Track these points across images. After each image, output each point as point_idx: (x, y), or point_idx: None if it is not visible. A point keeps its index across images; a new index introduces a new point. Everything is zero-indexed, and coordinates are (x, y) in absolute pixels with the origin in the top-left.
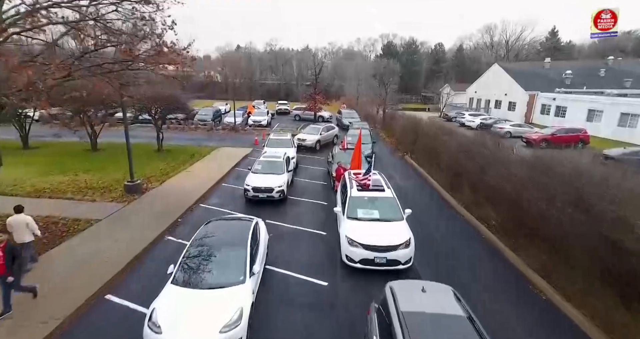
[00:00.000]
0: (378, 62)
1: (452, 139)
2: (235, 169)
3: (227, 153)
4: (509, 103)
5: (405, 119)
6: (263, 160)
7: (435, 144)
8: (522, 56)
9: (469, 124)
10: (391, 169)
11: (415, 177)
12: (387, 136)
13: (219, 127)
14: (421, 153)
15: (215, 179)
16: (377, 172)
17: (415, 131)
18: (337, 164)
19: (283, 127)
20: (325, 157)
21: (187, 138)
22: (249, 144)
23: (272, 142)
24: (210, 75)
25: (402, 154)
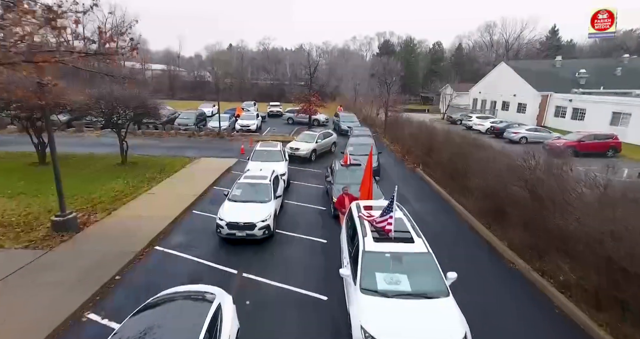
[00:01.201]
0: (377, 61)
1: (490, 157)
2: (213, 189)
3: (206, 166)
4: (518, 105)
5: (415, 125)
6: (244, 182)
7: (461, 159)
8: (521, 55)
9: (477, 128)
10: (402, 184)
11: (434, 198)
12: (390, 142)
13: (201, 133)
14: (439, 168)
15: (185, 204)
16: (397, 206)
17: (430, 140)
18: (343, 190)
19: (274, 132)
20: (322, 170)
21: (162, 146)
22: (234, 153)
23: (258, 154)
24: (201, 76)
25: (412, 165)
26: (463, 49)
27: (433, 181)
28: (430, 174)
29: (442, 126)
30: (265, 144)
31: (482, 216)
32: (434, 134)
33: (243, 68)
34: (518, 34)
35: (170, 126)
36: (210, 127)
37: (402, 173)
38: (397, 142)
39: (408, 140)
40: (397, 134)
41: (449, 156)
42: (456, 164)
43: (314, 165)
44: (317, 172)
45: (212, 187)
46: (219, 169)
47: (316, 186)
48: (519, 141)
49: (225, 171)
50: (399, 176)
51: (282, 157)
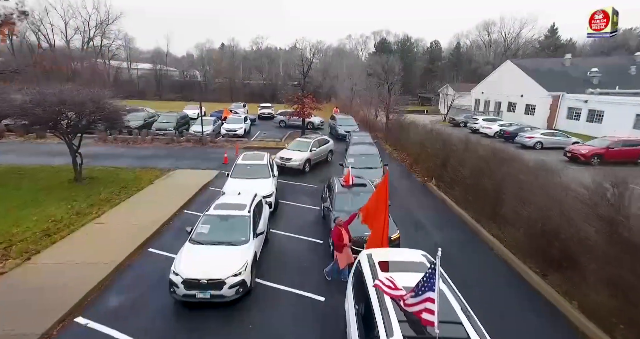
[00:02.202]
0: (375, 59)
1: (535, 177)
2: (183, 214)
3: (180, 180)
4: (526, 106)
5: (423, 129)
6: (213, 215)
7: (490, 177)
8: (520, 55)
9: (484, 131)
10: (413, 203)
11: (456, 224)
12: (393, 148)
13: (182, 139)
14: (459, 185)
15: (139, 239)
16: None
17: (445, 150)
18: (336, 222)
19: (264, 137)
20: (317, 184)
21: (134, 155)
22: (216, 163)
23: (239, 169)
24: (193, 75)
25: (422, 178)
26: (461, 47)
27: (451, 199)
28: (446, 191)
29: (449, 129)
30: (250, 156)
31: (529, 257)
32: (449, 142)
33: (234, 67)
34: (517, 32)
35: (146, 131)
36: (192, 131)
37: (412, 188)
38: (402, 150)
39: (415, 147)
40: (401, 139)
41: (472, 170)
42: (483, 182)
43: (308, 178)
44: (312, 188)
45: (182, 211)
46: (195, 185)
47: (310, 207)
48: (534, 146)
49: (203, 187)
50: (408, 192)
51: (268, 172)
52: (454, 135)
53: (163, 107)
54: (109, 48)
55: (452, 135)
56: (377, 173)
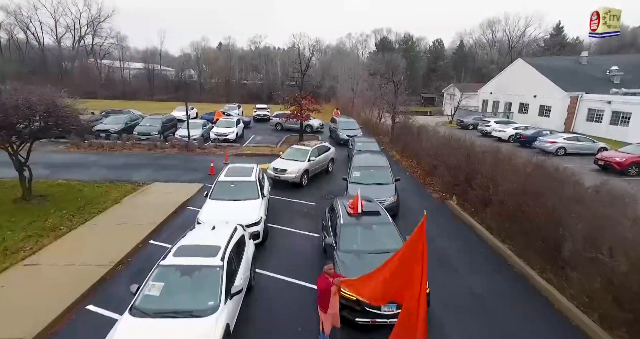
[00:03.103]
0: (378, 58)
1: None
2: (147, 246)
3: (155, 198)
4: (541, 107)
5: (435, 135)
6: (170, 267)
7: (542, 202)
8: (524, 54)
9: (496, 135)
10: (433, 231)
11: (492, 261)
12: (400, 155)
13: (166, 144)
14: (494, 209)
15: (74, 294)
16: None
17: (469, 161)
18: (326, 270)
19: (258, 142)
20: (316, 201)
21: (107, 164)
22: (201, 173)
23: (221, 188)
24: (190, 75)
25: (440, 195)
26: (465, 46)
27: (480, 224)
28: (473, 213)
29: (457, 132)
30: (235, 170)
31: (613, 320)
32: (473, 152)
33: (231, 67)
34: (522, 31)
35: (127, 136)
36: (178, 136)
37: (427, 207)
38: (411, 157)
39: (429, 156)
40: (409, 146)
41: (511, 190)
42: (529, 207)
43: (306, 193)
44: (311, 206)
45: (147, 243)
46: (171, 204)
47: (308, 234)
48: (556, 152)
49: (180, 206)
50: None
51: (257, 192)
52: (478, 143)
53: (154, 108)
54: (100, 47)
55: (475, 143)
56: (388, 191)
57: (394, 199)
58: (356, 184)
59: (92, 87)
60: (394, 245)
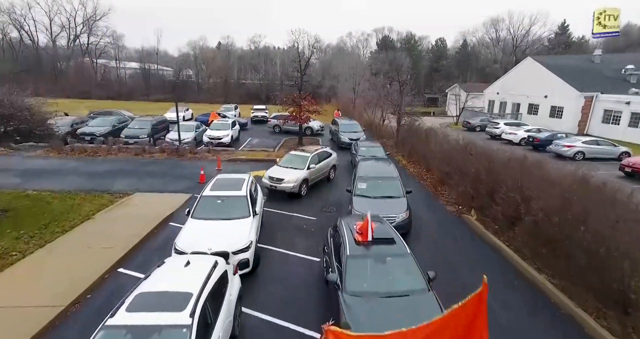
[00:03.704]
0: (380, 57)
1: None
2: (114, 276)
3: (134, 211)
4: (552, 108)
5: (446, 139)
6: (121, 328)
7: (596, 230)
8: (529, 53)
9: (507, 138)
10: (452, 253)
11: (530, 297)
12: (407, 160)
13: (156, 148)
14: (526, 230)
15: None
16: None
17: (489, 171)
18: (323, 330)
19: (254, 145)
20: (317, 215)
21: (88, 172)
22: (190, 181)
23: (206, 205)
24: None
25: (455, 208)
26: (468, 45)
27: (508, 247)
28: (497, 232)
29: (463, 134)
30: (223, 182)
31: None
32: (494, 159)
33: (229, 66)
34: (527, 29)
35: (113, 139)
36: (169, 139)
37: (442, 222)
38: (419, 162)
39: (440, 163)
40: (417, 149)
41: (548, 208)
42: (575, 231)
43: (305, 204)
44: (310, 221)
45: (115, 271)
46: (152, 219)
47: (306, 258)
48: (573, 157)
49: (162, 221)
50: (439, 229)
51: (247, 209)
52: (500, 150)
53: (150, 108)
54: (96, 46)
55: (498, 150)
56: (398, 206)
57: (406, 216)
58: (362, 198)
59: (87, 86)
60: (414, 285)
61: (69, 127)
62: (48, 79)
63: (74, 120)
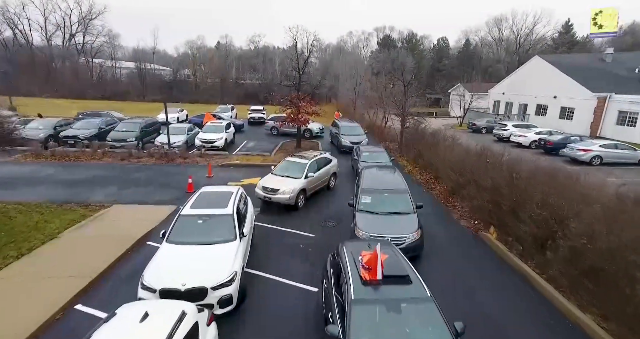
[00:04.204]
0: (382, 57)
1: None
2: (70, 315)
3: (109, 228)
4: (562, 109)
5: (456, 145)
6: None
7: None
8: (532, 53)
9: (516, 140)
10: (471, 280)
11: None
12: (413, 166)
13: (144, 152)
14: (560, 256)
15: None
16: None
17: (517, 186)
18: None
19: (250, 149)
20: (314, 231)
21: (65, 179)
22: (177, 191)
23: (184, 227)
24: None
25: (472, 223)
26: (470, 45)
27: (539, 275)
28: (524, 255)
29: (465, 135)
30: (207, 196)
31: None
32: (518, 169)
33: (227, 66)
34: (530, 29)
35: (98, 143)
36: (158, 143)
37: (456, 240)
38: (426, 168)
39: (451, 171)
40: (423, 154)
41: (593, 235)
42: (632, 264)
43: (302, 218)
44: (308, 238)
45: (71, 308)
46: (127, 239)
47: (302, 288)
48: (590, 162)
49: (138, 241)
50: (453, 250)
51: (233, 231)
52: (522, 158)
53: (145, 109)
54: (92, 45)
55: (520, 160)
56: (408, 224)
57: (417, 236)
58: (366, 214)
59: (82, 86)
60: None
61: (51, 130)
62: (42, 79)
63: (57, 122)
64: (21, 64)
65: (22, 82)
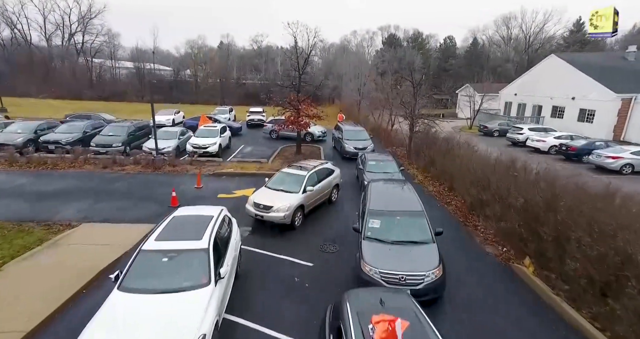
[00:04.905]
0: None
1: None
2: None
3: (65, 257)
4: (581, 111)
5: (475, 153)
6: None
7: None
8: (541, 52)
9: (532, 145)
10: (504, 330)
11: None
12: (424, 176)
13: (131, 159)
14: (636, 310)
15: None
16: None
17: (555, 209)
18: None
19: (245, 155)
20: (315, 256)
21: (33, 191)
22: (160, 205)
23: (142, 269)
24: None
25: (500, 250)
26: (478, 44)
27: (601, 331)
28: (573, 299)
29: (475, 139)
30: (180, 223)
31: None
32: (558, 187)
33: (229, 66)
34: (540, 27)
35: (81, 148)
36: (147, 149)
37: (483, 272)
38: (438, 178)
39: (469, 183)
40: (435, 162)
41: None
42: None
43: (299, 240)
44: (304, 268)
45: None
46: (85, 272)
47: None
48: (620, 170)
49: (96, 277)
50: (481, 287)
51: (206, 273)
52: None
53: (143, 110)
54: (91, 45)
55: (558, 176)
56: (427, 257)
57: (439, 274)
58: (375, 243)
59: (80, 87)
60: None
61: (31, 134)
62: (40, 78)
63: (38, 125)
64: (19, 63)
65: (19, 82)
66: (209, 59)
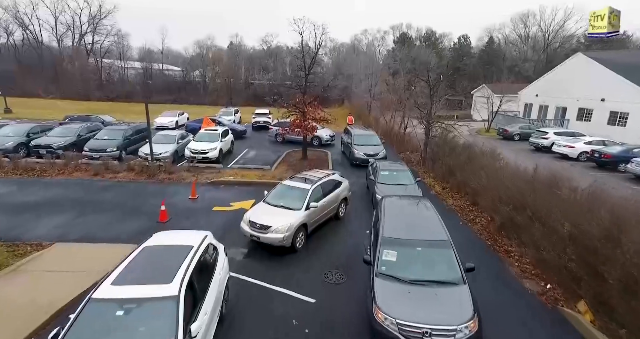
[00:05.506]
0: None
1: None
2: None
3: (27, 286)
4: (612, 114)
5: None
6: None
7: None
8: (564, 52)
9: (560, 151)
10: None
11: None
12: (441, 186)
13: (124, 166)
14: None
15: None
16: None
17: (618, 240)
18: None
19: (246, 161)
20: (319, 289)
21: (12, 202)
22: (148, 219)
23: (87, 327)
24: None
25: (543, 288)
26: (494, 42)
27: None
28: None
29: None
30: (148, 260)
31: None
32: (616, 214)
33: (236, 67)
34: (561, 25)
35: (73, 153)
36: (143, 154)
37: (524, 319)
38: (459, 191)
39: (498, 199)
40: (455, 172)
41: None
42: None
43: (300, 267)
44: (303, 306)
45: None
46: (43, 310)
47: None
48: None
49: (53, 316)
50: None
51: (172, 331)
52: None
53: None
54: (101, 45)
55: (610, 195)
56: (459, 305)
57: (474, 327)
58: (390, 283)
59: (88, 87)
60: None
61: (22, 138)
62: (50, 79)
63: (31, 128)
64: (30, 64)
65: (28, 82)
66: (218, 60)
